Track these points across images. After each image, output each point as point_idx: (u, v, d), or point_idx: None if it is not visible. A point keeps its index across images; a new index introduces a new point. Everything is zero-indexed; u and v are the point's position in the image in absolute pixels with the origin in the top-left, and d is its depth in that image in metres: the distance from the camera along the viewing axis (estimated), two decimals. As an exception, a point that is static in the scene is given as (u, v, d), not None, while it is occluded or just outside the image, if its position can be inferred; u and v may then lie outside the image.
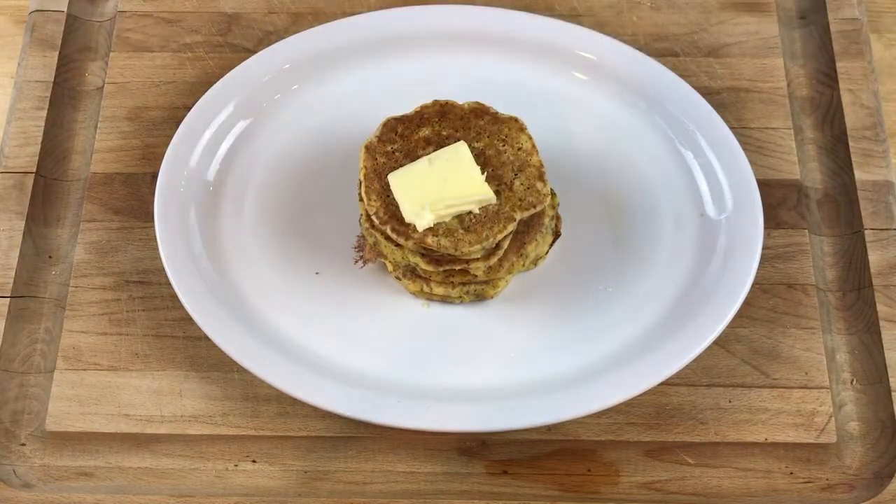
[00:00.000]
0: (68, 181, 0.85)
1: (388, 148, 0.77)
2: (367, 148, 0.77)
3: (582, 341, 0.77)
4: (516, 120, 0.78)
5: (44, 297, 0.80)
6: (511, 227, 0.74)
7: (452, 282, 0.77)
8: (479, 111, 0.78)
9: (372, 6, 0.90)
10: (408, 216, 0.74)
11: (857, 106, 0.87)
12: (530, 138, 0.77)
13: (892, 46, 0.95)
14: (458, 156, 0.76)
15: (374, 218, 0.75)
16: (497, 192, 0.75)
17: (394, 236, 0.74)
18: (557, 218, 0.80)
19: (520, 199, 0.75)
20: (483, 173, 0.75)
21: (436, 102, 0.78)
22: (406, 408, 0.73)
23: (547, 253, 0.79)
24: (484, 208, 0.74)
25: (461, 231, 0.74)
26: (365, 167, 0.76)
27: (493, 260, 0.75)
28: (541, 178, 0.76)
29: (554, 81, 0.87)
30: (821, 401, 0.77)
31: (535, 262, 0.79)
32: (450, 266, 0.75)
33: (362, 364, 0.76)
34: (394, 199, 0.75)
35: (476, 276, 0.76)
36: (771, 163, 0.85)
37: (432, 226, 0.74)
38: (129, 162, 0.85)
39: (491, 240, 0.74)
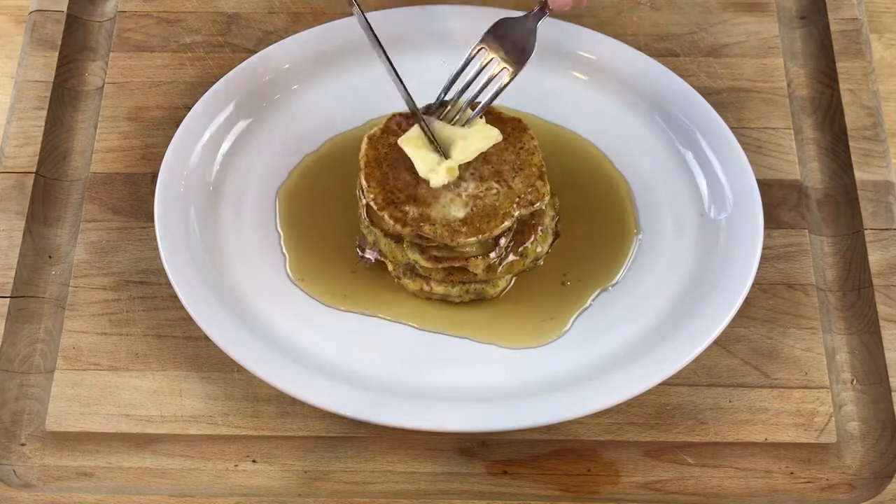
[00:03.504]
0: (68, 181, 0.85)
1: (391, 140, 0.77)
2: (370, 139, 0.77)
3: (582, 341, 0.77)
4: (519, 120, 0.78)
5: (44, 297, 0.80)
6: (507, 223, 0.74)
7: (452, 280, 0.77)
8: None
9: (372, 6, 0.90)
10: (423, 172, 0.74)
11: (857, 106, 0.87)
12: (532, 138, 0.77)
13: (892, 46, 0.95)
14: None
15: (372, 204, 0.75)
16: (496, 191, 0.75)
17: (391, 222, 0.74)
18: (558, 218, 0.80)
19: (518, 196, 0.75)
20: (486, 175, 0.76)
21: (443, 103, 0.78)
22: (406, 408, 0.73)
23: (547, 252, 0.79)
24: (482, 203, 0.74)
25: (458, 222, 0.74)
26: (366, 155, 0.76)
27: (493, 258, 0.75)
28: (541, 177, 0.76)
29: (554, 81, 0.87)
30: (821, 401, 0.77)
31: (535, 262, 0.79)
32: (449, 263, 0.75)
33: (362, 364, 0.76)
34: (393, 187, 0.75)
35: (476, 274, 0.76)
36: (771, 163, 0.85)
37: (446, 182, 0.75)
38: (129, 162, 0.85)
39: (487, 234, 0.74)
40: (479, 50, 0.78)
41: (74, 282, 0.80)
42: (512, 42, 0.77)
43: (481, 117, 0.78)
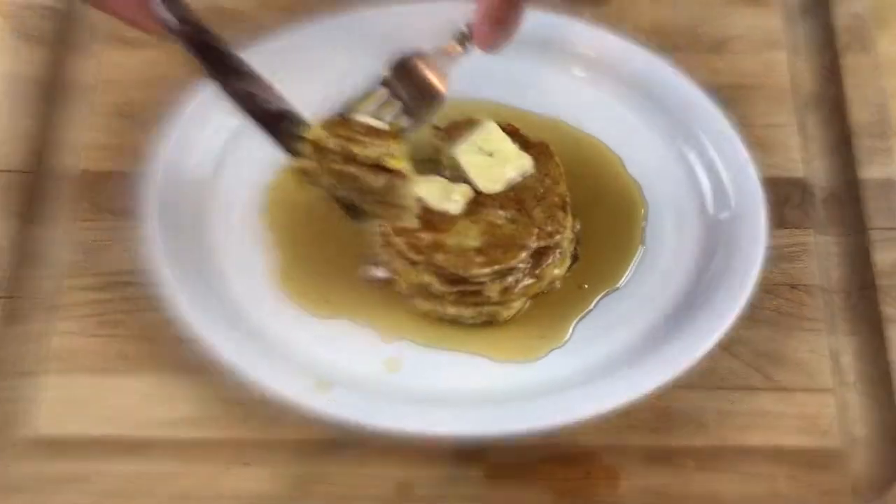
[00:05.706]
0: (58, 179, 0.85)
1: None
2: None
3: (582, 343, 0.76)
4: (546, 146, 0.78)
5: (34, 298, 0.80)
6: (523, 255, 0.73)
7: (466, 302, 0.76)
8: (510, 132, 0.78)
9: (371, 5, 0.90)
10: (437, 205, 0.74)
11: (863, 102, 0.87)
12: (559, 165, 0.77)
13: (898, 41, 0.95)
14: (489, 132, 0.77)
15: (387, 229, 0.74)
16: (515, 220, 0.74)
17: (405, 249, 0.73)
18: (577, 241, 0.79)
19: (538, 227, 0.74)
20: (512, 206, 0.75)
21: (469, 119, 0.78)
22: (401, 411, 0.72)
23: (564, 275, 0.78)
24: (500, 232, 0.74)
25: (473, 252, 0.73)
26: None
27: (510, 281, 0.74)
28: (563, 208, 0.75)
29: (553, 78, 0.87)
30: (825, 404, 0.76)
31: (550, 285, 0.78)
32: (465, 287, 0.74)
33: (359, 367, 0.75)
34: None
35: (490, 297, 0.75)
36: (774, 160, 0.85)
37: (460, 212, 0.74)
38: (120, 160, 0.84)
39: (502, 265, 0.73)
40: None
41: (66, 282, 0.80)
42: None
43: (514, 143, 0.77)
